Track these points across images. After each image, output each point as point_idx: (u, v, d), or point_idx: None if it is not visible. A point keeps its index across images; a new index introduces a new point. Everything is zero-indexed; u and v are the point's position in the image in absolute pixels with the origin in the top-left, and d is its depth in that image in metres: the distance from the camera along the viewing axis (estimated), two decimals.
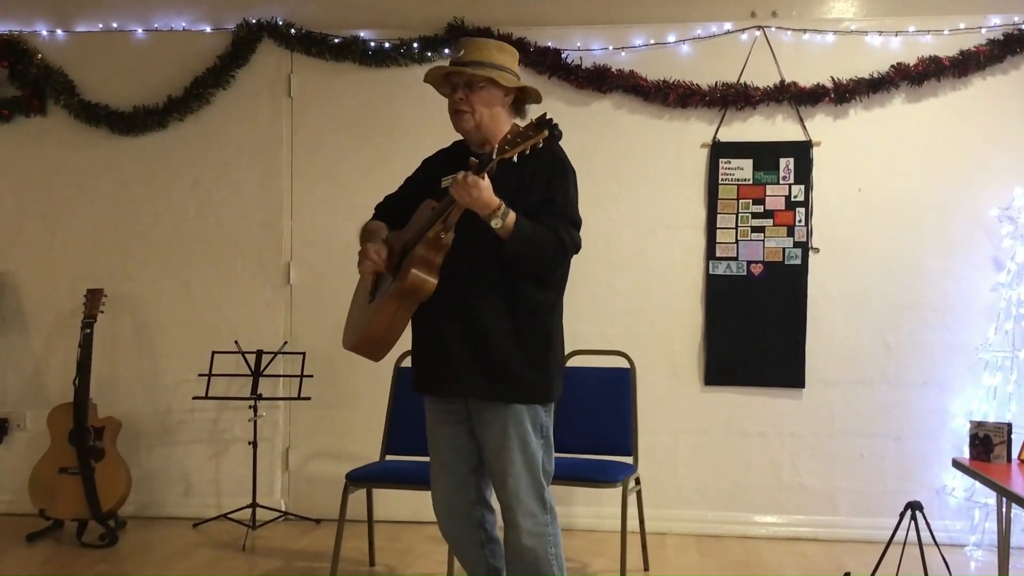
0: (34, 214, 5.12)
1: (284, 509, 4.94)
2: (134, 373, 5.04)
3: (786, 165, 4.72)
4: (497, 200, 2.58)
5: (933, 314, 4.66)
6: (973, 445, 3.65)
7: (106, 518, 4.52)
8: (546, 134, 2.49)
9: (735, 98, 4.73)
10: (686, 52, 4.80)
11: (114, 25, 5.09)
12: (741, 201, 4.74)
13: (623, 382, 4.19)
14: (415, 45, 4.86)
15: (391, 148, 4.87)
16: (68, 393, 4.65)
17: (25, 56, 5.06)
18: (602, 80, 4.79)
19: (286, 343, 4.91)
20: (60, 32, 5.11)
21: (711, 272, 4.76)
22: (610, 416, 4.16)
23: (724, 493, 4.76)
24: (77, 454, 4.53)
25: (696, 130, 4.79)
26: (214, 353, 4.70)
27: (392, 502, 4.58)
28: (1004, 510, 3.63)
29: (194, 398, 4.85)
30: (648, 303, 4.81)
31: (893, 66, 4.64)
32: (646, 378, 4.50)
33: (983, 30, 4.62)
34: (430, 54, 4.85)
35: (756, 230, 4.73)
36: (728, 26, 4.77)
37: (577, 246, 2.76)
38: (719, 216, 4.76)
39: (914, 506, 3.41)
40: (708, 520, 4.74)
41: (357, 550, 4.28)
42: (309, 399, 4.76)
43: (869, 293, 4.70)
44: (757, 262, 4.72)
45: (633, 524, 4.00)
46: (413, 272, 2.67)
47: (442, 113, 2.87)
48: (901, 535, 3.39)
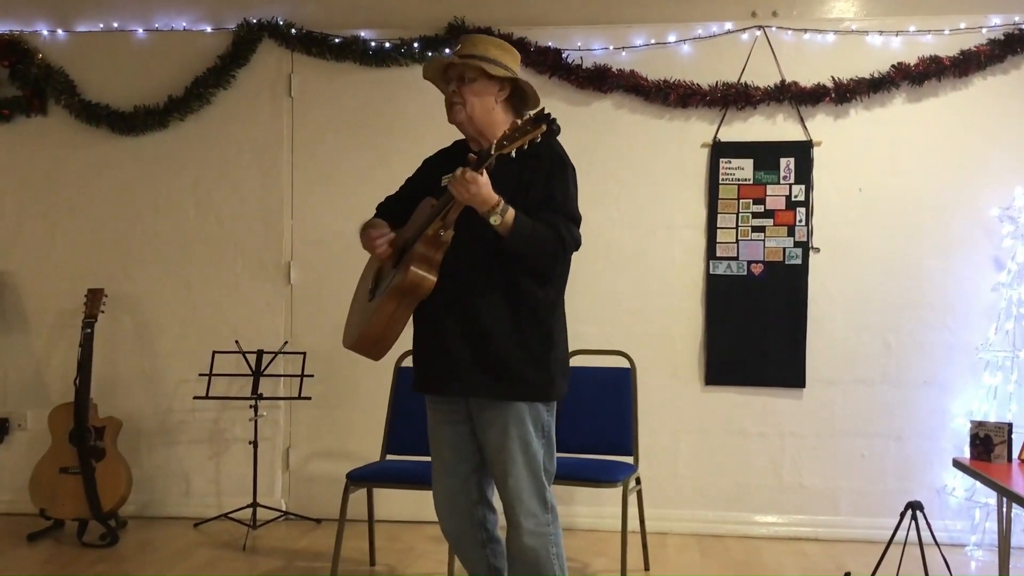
0: (35, 214, 5.12)
1: (285, 509, 4.94)
2: (135, 373, 5.05)
3: (787, 165, 4.72)
4: (496, 196, 2.57)
5: (934, 314, 4.66)
6: (974, 445, 3.66)
7: (107, 518, 4.52)
8: (544, 128, 2.48)
9: (736, 98, 4.73)
10: (687, 52, 4.80)
11: (115, 25, 5.09)
12: (742, 201, 4.75)
13: (623, 382, 4.19)
14: (415, 45, 4.86)
15: (391, 148, 4.87)
16: (69, 393, 4.66)
17: (26, 56, 5.06)
18: (603, 80, 4.79)
19: (287, 343, 4.91)
20: (61, 32, 5.12)
21: (711, 272, 4.76)
22: (610, 416, 4.16)
23: (725, 493, 4.76)
24: (78, 454, 4.53)
25: (697, 130, 4.79)
26: (215, 353, 4.70)
27: (393, 502, 4.58)
28: (1004, 510, 3.63)
29: (195, 398, 4.85)
30: (648, 303, 4.81)
31: (894, 66, 4.65)
32: (646, 378, 4.50)
33: (984, 30, 4.62)
34: (431, 54, 4.85)
35: (756, 230, 4.73)
36: (729, 26, 4.77)
37: (577, 243, 2.75)
38: (719, 216, 4.76)
39: (915, 506, 3.41)
40: (709, 520, 4.74)
41: (358, 550, 4.28)
42: (310, 399, 4.76)
43: (870, 293, 4.70)
44: (758, 262, 4.72)
45: (634, 524, 4.00)
46: (412, 269, 2.67)
47: (443, 113, 2.86)
48: (902, 535, 3.38)
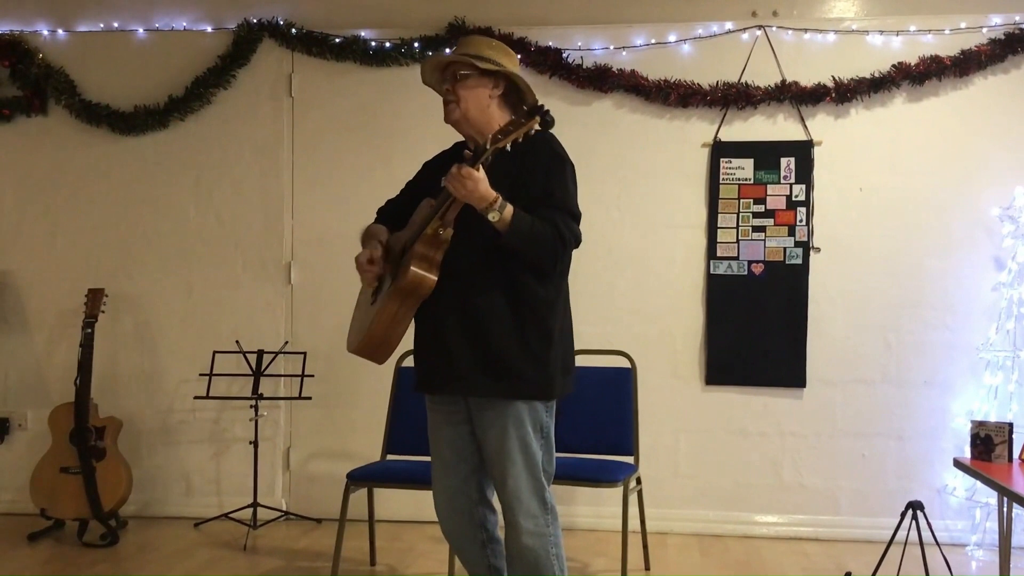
0: (35, 214, 5.12)
1: (285, 509, 4.94)
2: (135, 373, 5.05)
3: (787, 165, 4.72)
4: (494, 193, 2.57)
5: (934, 314, 4.65)
6: (974, 445, 3.65)
7: (107, 518, 4.53)
8: (538, 121, 2.50)
9: (736, 98, 4.73)
10: (687, 52, 4.80)
11: (115, 25, 5.09)
12: (742, 200, 4.74)
13: (624, 382, 4.19)
14: (416, 45, 4.86)
15: (392, 148, 4.87)
16: (69, 393, 4.65)
17: (26, 56, 5.06)
18: (603, 80, 4.79)
19: (287, 343, 4.91)
20: (61, 32, 5.12)
21: (712, 272, 4.76)
22: (611, 416, 4.15)
23: (725, 493, 4.76)
24: (78, 454, 4.53)
25: (697, 129, 4.79)
26: (215, 353, 4.70)
27: (393, 502, 4.58)
28: (1005, 510, 3.63)
29: (195, 398, 4.85)
30: (649, 303, 4.81)
31: (894, 65, 4.64)
32: (647, 378, 4.50)
33: (984, 29, 4.62)
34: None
35: (757, 230, 4.73)
36: (729, 26, 4.77)
37: (577, 239, 2.75)
38: (720, 216, 4.75)
39: (915, 506, 3.41)
40: (709, 520, 4.74)
41: (358, 550, 4.28)
42: (310, 399, 4.76)
43: (870, 293, 4.70)
44: (758, 262, 4.72)
45: (634, 524, 4.00)
46: (412, 269, 2.66)
47: (442, 113, 2.87)
48: (902, 535, 3.38)
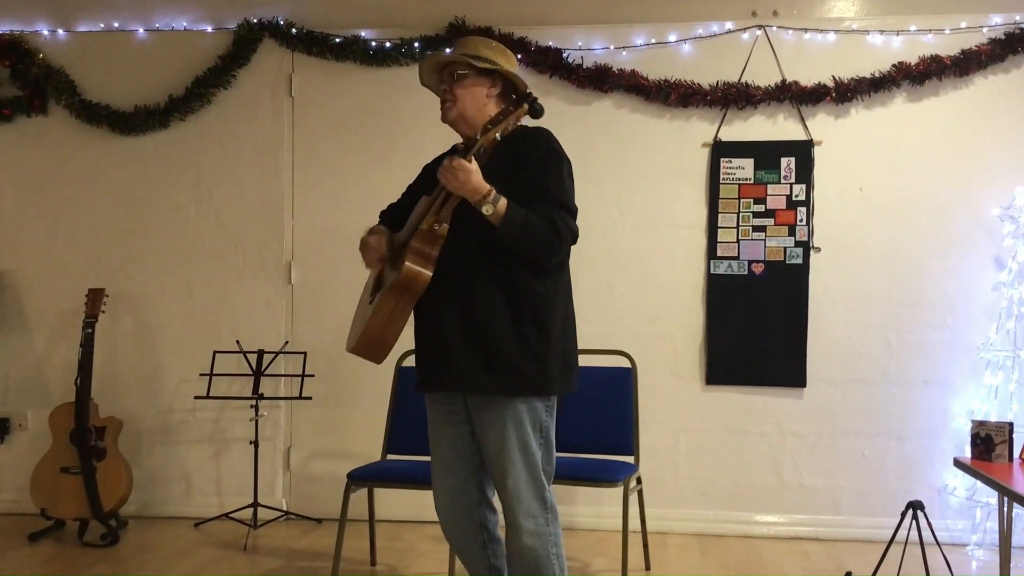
0: (35, 214, 5.12)
1: (285, 508, 4.94)
2: (135, 373, 5.05)
3: (787, 164, 4.72)
4: (487, 186, 2.58)
5: (934, 313, 4.65)
6: (975, 444, 3.65)
7: (107, 518, 4.53)
8: (527, 108, 2.55)
9: (736, 97, 4.73)
10: (687, 51, 4.80)
11: (115, 25, 5.09)
12: (742, 200, 4.74)
13: (624, 381, 4.19)
14: (416, 45, 4.86)
15: (392, 148, 4.88)
16: (69, 393, 4.66)
17: (26, 56, 5.06)
18: (603, 79, 4.79)
19: (287, 343, 4.91)
20: (61, 32, 5.12)
21: (712, 271, 4.76)
22: (611, 415, 4.15)
23: (725, 492, 4.76)
24: (78, 454, 4.53)
25: (697, 129, 4.79)
26: (215, 353, 4.70)
27: (393, 501, 4.59)
28: (1006, 510, 3.63)
29: (195, 398, 4.86)
30: (649, 302, 4.81)
31: (894, 65, 4.64)
32: (647, 377, 4.50)
33: (984, 29, 4.62)
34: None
35: (757, 229, 4.73)
36: (729, 25, 4.77)
37: (574, 233, 2.73)
38: (720, 215, 4.75)
39: (915, 505, 3.41)
40: (709, 519, 4.74)
41: (358, 549, 4.28)
42: (310, 399, 4.76)
43: (870, 292, 4.70)
44: (758, 261, 4.72)
45: (634, 523, 4.00)
46: (407, 265, 2.65)
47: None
48: (903, 534, 3.38)
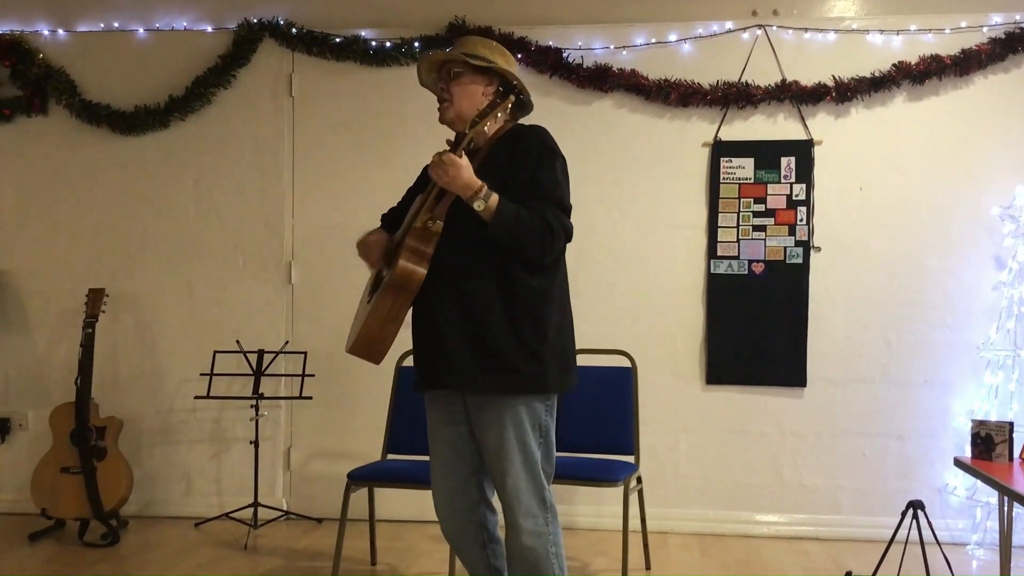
0: (36, 214, 5.12)
1: (286, 508, 4.94)
2: (136, 373, 5.05)
3: (787, 164, 4.72)
4: (478, 181, 2.59)
5: (934, 313, 4.65)
6: (975, 444, 3.66)
7: (108, 517, 4.53)
8: (513, 99, 2.60)
9: (736, 97, 4.73)
10: (687, 51, 4.80)
11: (115, 25, 5.09)
12: (742, 200, 4.74)
13: (624, 381, 4.19)
14: (416, 44, 4.86)
15: (392, 147, 4.88)
16: (70, 393, 4.66)
17: (27, 56, 5.06)
18: (603, 79, 4.79)
19: (287, 342, 4.91)
20: (61, 32, 5.12)
21: (712, 271, 4.76)
22: (611, 415, 4.15)
23: (726, 492, 4.76)
24: (79, 454, 4.53)
25: (697, 129, 4.79)
26: (216, 352, 4.70)
27: (394, 501, 4.58)
28: (1006, 509, 3.63)
29: (196, 397, 4.86)
30: (649, 302, 4.81)
31: (895, 65, 4.64)
32: (647, 377, 4.50)
33: (984, 28, 4.62)
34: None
35: (757, 229, 4.73)
36: (729, 25, 4.77)
37: (567, 230, 2.72)
38: (720, 215, 4.75)
39: (916, 505, 3.41)
40: (710, 519, 4.74)
41: (359, 549, 4.28)
42: (311, 398, 4.76)
43: (870, 292, 4.70)
44: (758, 261, 4.72)
45: (635, 523, 4.00)
46: (401, 263, 2.65)
47: None
48: (903, 534, 3.38)
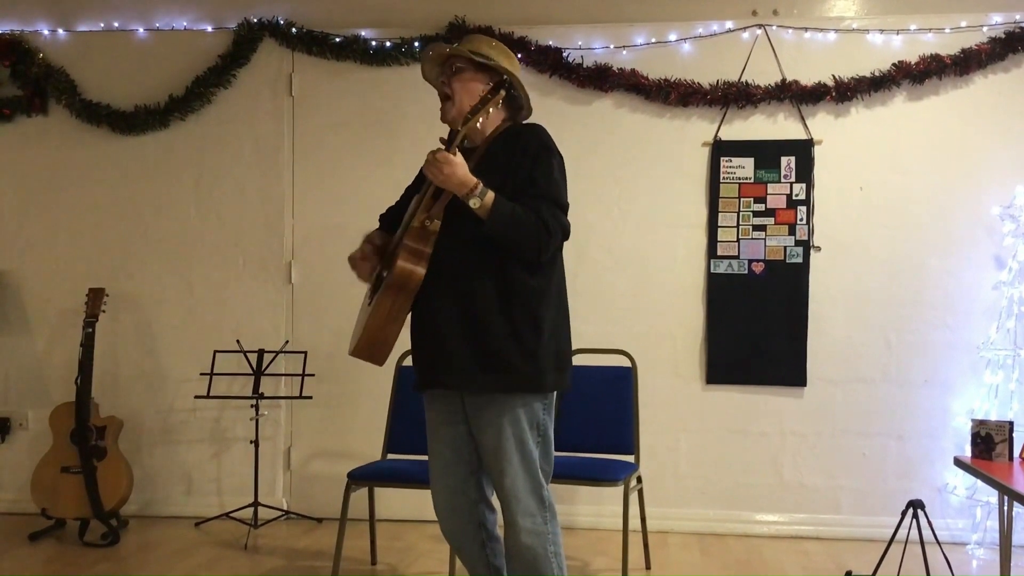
0: (36, 213, 5.12)
1: (286, 508, 4.94)
2: (136, 372, 5.05)
3: (787, 163, 4.72)
4: (473, 179, 2.60)
5: (934, 312, 4.65)
6: (975, 443, 3.66)
7: (108, 517, 4.53)
8: (503, 94, 2.63)
9: (736, 97, 4.73)
10: (687, 51, 4.80)
11: (115, 25, 5.09)
12: (742, 199, 4.74)
13: (624, 381, 4.19)
14: (416, 44, 4.86)
15: (392, 147, 4.88)
16: (70, 392, 4.66)
17: (27, 55, 5.07)
18: (603, 79, 4.79)
19: (288, 342, 4.91)
20: (61, 32, 5.12)
21: (712, 271, 4.76)
22: (611, 415, 4.15)
23: (726, 492, 4.76)
24: (79, 453, 4.54)
25: (697, 129, 4.79)
26: (216, 352, 4.70)
27: (394, 501, 4.59)
28: (1006, 508, 3.63)
29: (196, 397, 4.86)
30: (649, 302, 4.81)
31: (895, 64, 4.64)
32: (647, 377, 4.50)
33: (985, 28, 4.62)
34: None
35: (757, 228, 4.73)
36: (729, 25, 4.77)
37: (564, 228, 2.72)
38: (720, 215, 4.75)
39: (916, 505, 3.41)
40: (710, 519, 4.74)
41: (359, 549, 4.29)
42: (311, 398, 4.76)
43: (870, 291, 4.70)
44: (758, 261, 4.72)
45: (635, 523, 4.00)
46: (399, 263, 2.66)
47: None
48: (903, 534, 3.38)
